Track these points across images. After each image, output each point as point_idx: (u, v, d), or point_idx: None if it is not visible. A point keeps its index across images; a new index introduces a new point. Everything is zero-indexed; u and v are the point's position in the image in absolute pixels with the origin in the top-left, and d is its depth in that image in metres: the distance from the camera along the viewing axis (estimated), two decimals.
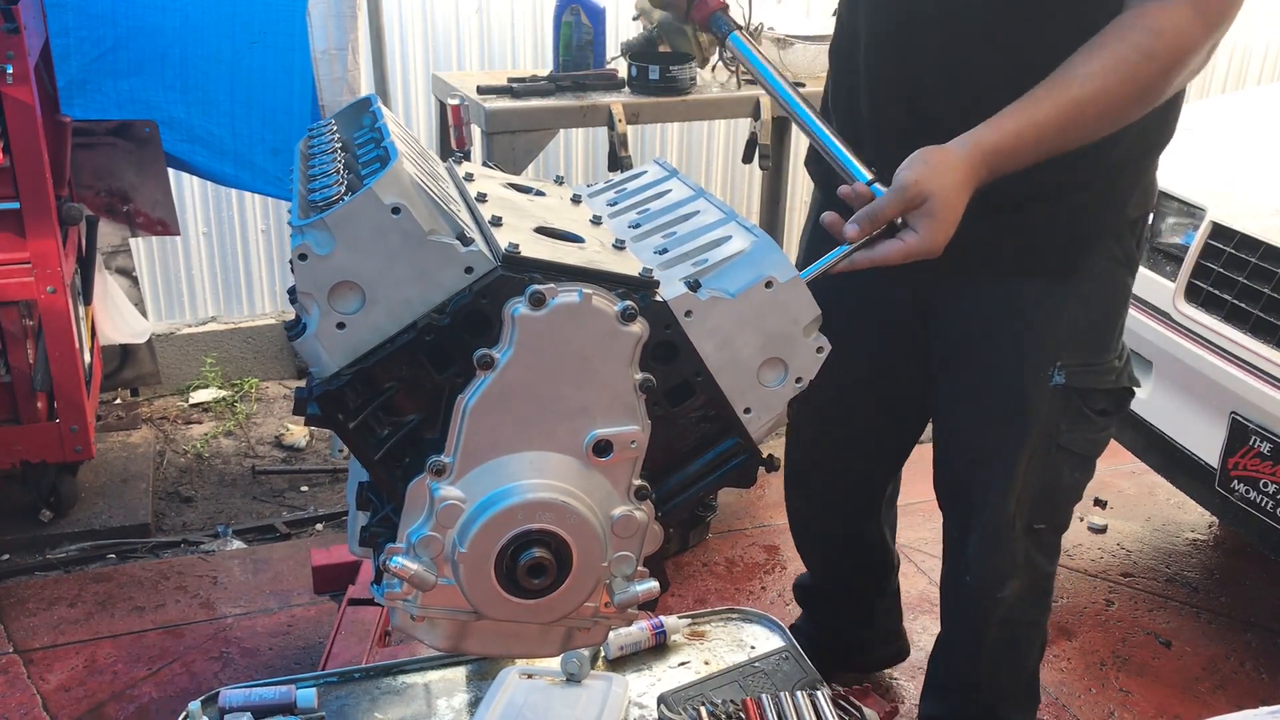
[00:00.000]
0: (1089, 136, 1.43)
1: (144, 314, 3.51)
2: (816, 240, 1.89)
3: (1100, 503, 3.29)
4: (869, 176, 1.41)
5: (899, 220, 1.36)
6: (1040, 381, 1.70)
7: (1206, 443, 2.45)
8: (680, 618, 1.87)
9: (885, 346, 1.91)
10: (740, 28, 1.61)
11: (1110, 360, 1.74)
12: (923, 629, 2.70)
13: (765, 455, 1.36)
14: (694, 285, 1.28)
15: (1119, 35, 1.38)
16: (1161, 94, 1.42)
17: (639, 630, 1.80)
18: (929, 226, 1.33)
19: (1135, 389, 1.79)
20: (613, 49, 3.23)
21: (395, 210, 1.17)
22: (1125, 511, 3.27)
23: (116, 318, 3.33)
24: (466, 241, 1.20)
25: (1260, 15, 4.75)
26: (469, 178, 1.51)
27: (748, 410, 1.33)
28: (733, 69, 3.18)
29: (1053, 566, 1.92)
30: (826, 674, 1.77)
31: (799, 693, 1.62)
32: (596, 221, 1.49)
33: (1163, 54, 1.37)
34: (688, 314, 1.27)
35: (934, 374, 1.87)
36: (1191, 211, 2.62)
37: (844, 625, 2.37)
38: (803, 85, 3.16)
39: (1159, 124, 1.63)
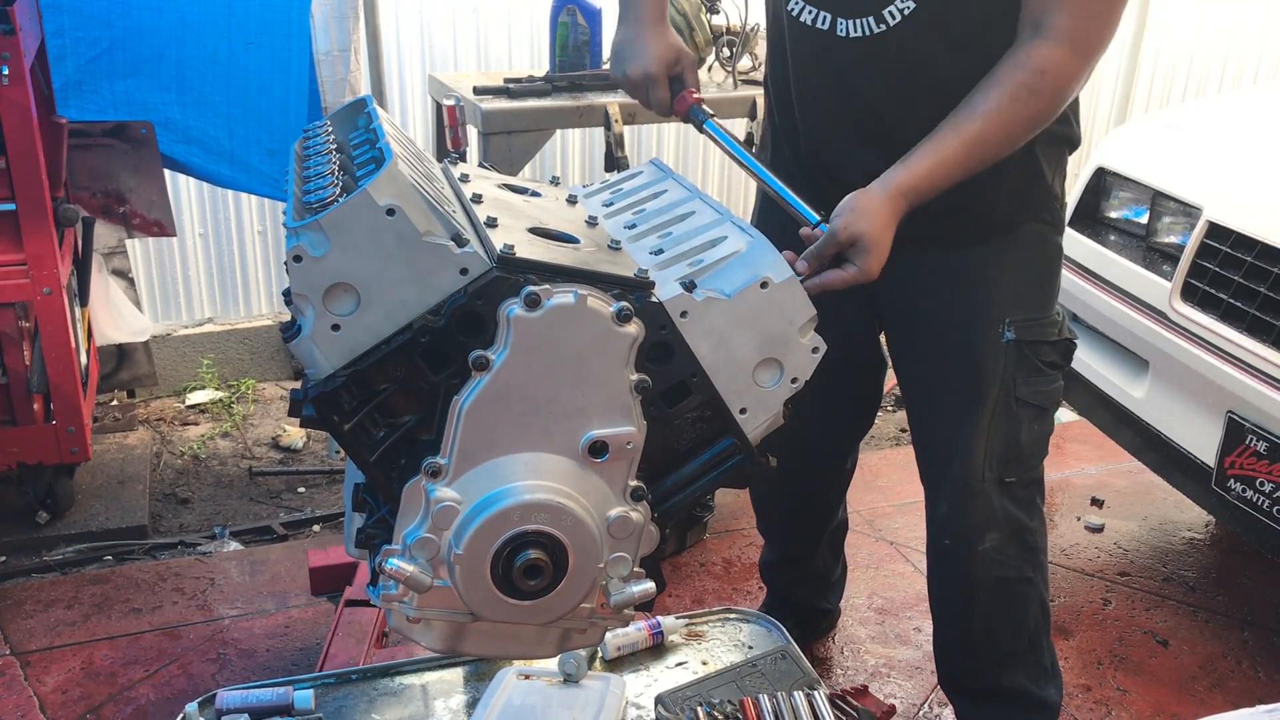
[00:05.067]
0: (990, 162, 1.65)
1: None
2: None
3: (1097, 502, 3.30)
4: (817, 219, 1.62)
5: (842, 255, 1.57)
6: (993, 339, 1.87)
7: (1203, 442, 2.45)
8: (677, 618, 1.87)
9: (839, 326, 1.97)
10: (712, 115, 1.81)
11: (1052, 315, 1.92)
12: (916, 629, 2.70)
13: (760, 456, 1.36)
14: (689, 286, 1.28)
15: (1011, 75, 1.59)
16: (1049, 119, 1.65)
17: (636, 631, 1.80)
18: (864, 260, 1.56)
19: (1075, 341, 1.96)
20: (609, 49, 3.22)
21: (390, 211, 1.17)
22: (1122, 511, 3.27)
23: (116, 317, 3.33)
24: (462, 243, 1.20)
25: (1254, 19, 4.76)
26: (464, 179, 1.50)
27: (743, 411, 1.33)
28: (729, 70, 3.18)
29: (1034, 522, 2.00)
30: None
31: (797, 693, 1.62)
32: (592, 222, 1.49)
33: (1048, 89, 1.59)
34: (683, 314, 1.27)
35: (891, 346, 2.06)
36: (1188, 211, 2.62)
37: (807, 597, 2.55)
38: None
39: (1067, 116, 1.84)
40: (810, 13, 1.77)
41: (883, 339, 2.13)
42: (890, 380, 2.20)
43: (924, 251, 1.86)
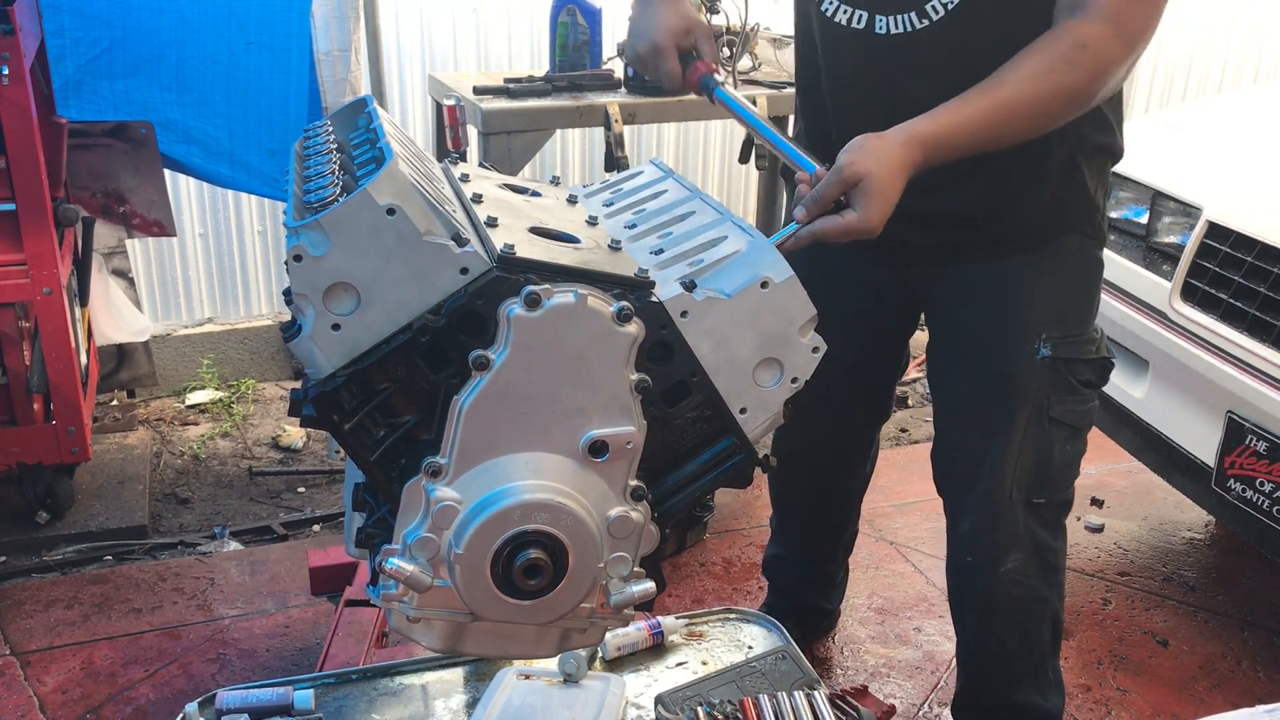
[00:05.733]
0: (1021, 136, 1.55)
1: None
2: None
3: (1097, 502, 3.30)
4: (816, 166, 1.53)
5: (842, 200, 1.47)
6: (1028, 354, 1.81)
7: (1203, 442, 2.45)
8: (677, 618, 1.87)
9: (868, 331, 2.01)
10: (723, 82, 1.73)
11: (1090, 332, 1.86)
12: (916, 629, 2.70)
13: (761, 455, 1.36)
14: (690, 285, 1.28)
15: (1049, 46, 1.52)
16: (1087, 101, 1.56)
17: (636, 631, 1.80)
18: (865, 205, 1.43)
19: (1113, 360, 1.90)
20: (609, 49, 3.23)
21: (390, 211, 1.17)
22: (1122, 511, 3.27)
23: (116, 317, 3.33)
24: (462, 242, 1.20)
25: (1253, 17, 4.77)
26: (465, 178, 1.50)
27: (744, 410, 1.33)
28: (729, 70, 3.18)
29: (1057, 542, 1.96)
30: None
31: (796, 693, 1.62)
32: (592, 222, 1.49)
33: (1086, 65, 1.50)
34: (683, 314, 1.27)
35: (929, 357, 2.01)
36: (1188, 211, 2.62)
37: (811, 598, 2.54)
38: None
39: (1110, 126, 1.81)
40: (845, 11, 1.72)
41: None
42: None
43: (966, 263, 1.84)
